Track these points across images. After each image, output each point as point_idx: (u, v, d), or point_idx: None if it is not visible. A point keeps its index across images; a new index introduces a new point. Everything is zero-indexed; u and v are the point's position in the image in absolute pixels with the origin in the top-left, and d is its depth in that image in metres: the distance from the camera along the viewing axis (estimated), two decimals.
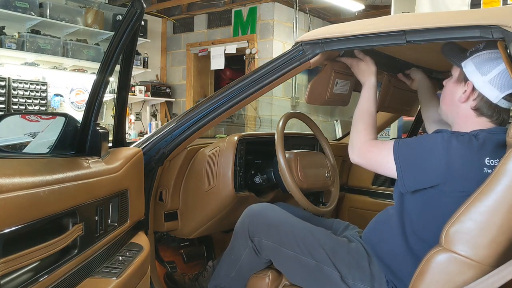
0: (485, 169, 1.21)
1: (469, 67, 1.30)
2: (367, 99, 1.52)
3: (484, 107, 1.30)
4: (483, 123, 1.32)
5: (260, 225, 1.55)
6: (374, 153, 1.36)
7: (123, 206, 1.31)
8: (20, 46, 4.70)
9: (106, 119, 5.50)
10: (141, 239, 1.43)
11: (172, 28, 6.50)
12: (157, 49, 6.45)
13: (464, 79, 1.33)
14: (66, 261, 0.99)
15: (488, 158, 1.22)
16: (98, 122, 1.28)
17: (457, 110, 1.36)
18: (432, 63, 1.81)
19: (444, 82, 1.44)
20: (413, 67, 1.82)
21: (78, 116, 1.24)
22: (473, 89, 1.30)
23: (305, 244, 1.46)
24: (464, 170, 1.21)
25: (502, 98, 1.28)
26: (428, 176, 1.24)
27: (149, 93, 6.02)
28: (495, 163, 1.22)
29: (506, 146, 1.16)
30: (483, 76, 1.28)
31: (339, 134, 6.06)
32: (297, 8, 5.63)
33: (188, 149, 1.78)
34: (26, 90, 4.82)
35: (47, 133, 1.24)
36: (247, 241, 1.56)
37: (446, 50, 1.39)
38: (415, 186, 1.27)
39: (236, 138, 1.83)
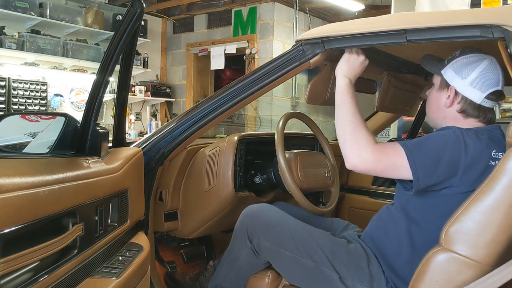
0: (490, 161, 1.25)
1: (449, 73, 1.36)
2: (351, 97, 1.38)
3: (469, 108, 1.35)
4: (471, 124, 1.36)
5: (258, 226, 1.55)
6: (389, 155, 1.27)
7: (123, 206, 1.31)
8: (20, 46, 4.70)
9: (106, 119, 5.50)
10: (141, 239, 1.43)
11: (172, 28, 6.50)
12: (157, 49, 6.45)
13: (446, 85, 1.38)
14: (66, 261, 0.99)
15: (494, 151, 1.27)
16: (98, 122, 1.28)
17: (444, 114, 1.40)
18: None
19: (427, 93, 1.49)
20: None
21: (78, 116, 1.24)
22: (456, 93, 1.36)
23: (304, 246, 1.46)
24: (475, 162, 1.24)
25: (485, 98, 1.33)
26: (444, 170, 1.24)
27: (149, 93, 6.02)
28: (499, 155, 1.26)
29: (506, 145, 1.16)
30: (463, 79, 1.34)
31: None
32: (297, 8, 5.63)
33: (188, 149, 1.78)
34: (26, 90, 4.82)
35: (47, 133, 1.23)
36: (246, 242, 1.56)
37: (424, 62, 1.46)
38: (430, 182, 1.26)
39: (236, 138, 1.83)
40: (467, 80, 1.33)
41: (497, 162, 1.20)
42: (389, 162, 1.27)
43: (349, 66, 1.43)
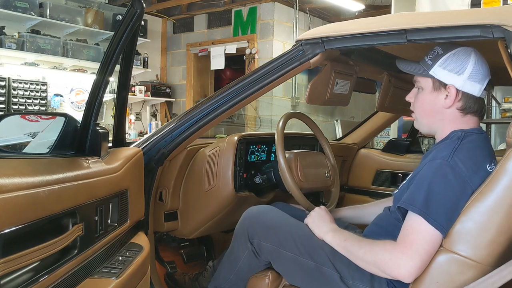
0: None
1: (440, 72, 1.32)
2: (345, 238, 1.39)
3: (471, 103, 1.33)
4: (467, 122, 1.34)
5: (259, 228, 1.55)
6: (418, 243, 1.18)
7: (123, 206, 1.31)
8: (20, 46, 4.70)
9: (106, 119, 5.50)
10: (141, 239, 1.43)
11: (172, 28, 6.50)
12: (157, 49, 6.45)
13: (440, 85, 1.33)
14: (66, 261, 0.99)
15: (488, 164, 1.26)
16: (98, 122, 1.28)
17: (442, 116, 1.36)
18: None
19: (409, 99, 1.43)
20: None
21: (78, 116, 1.24)
22: (456, 90, 1.31)
23: (304, 246, 1.46)
24: (479, 181, 1.20)
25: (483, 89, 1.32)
26: (459, 208, 1.19)
27: (149, 93, 6.02)
28: (493, 167, 1.25)
29: (506, 145, 1.16)
30: (460, 75, 1.30)
31: (339, 134, 6.06)
32: (297, 8, 5.63)
33: (188, 149, 1.77)
34: (26, 90, 4.82)
35: (47, 133, 1.23)
36: (246, 243, 1.56)
37: (403, 66, 1.41)
38: (452, 223, 1.20)
39: (236, 138, 1.83)
40: (464, 76, 1.30)
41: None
42: (422, 248, 1.18)
43: (322, 221, 1.49)
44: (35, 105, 4.90)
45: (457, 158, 1.23)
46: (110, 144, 1.41)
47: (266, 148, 2.06)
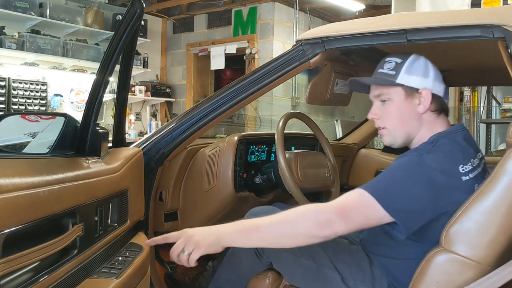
0: (462, 177, 1.21)
1: (408, 79, 1.31)
2: (253, 225, 1.25)
3: (441, 103, 1.34)
4: (442, 122, 1.34)
5: None
6: (360, 216, 1.17)
7: (123, 206, 1.31)
8: (20, 46, 4.70)
9: (106, 119, 5.50)
10: (141, 239, 1.43)
11: (172, 28, 6.50)
12: (157, 49, 6.45)
13: (412, 91, 1.31)
14: (66, 261, 0.99)
15: (461, 165, 1.23)
16: (98, 122, 1.28)
17: (419, 123, 1.33)
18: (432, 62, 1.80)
19: (374, 115, 1.38)
20: None
21: (78, 116, 1.24)
22: (430, 93, 1.31)
23: (306, 246, 1.46)
24: (446, 184, 1.19)
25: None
26: (418, 204, 1.18)
27: (149, 93, 6.02)
28: (468, 168, 1.23)
29: (506, 145, 1.16)
30: (427, 78, 1.31)
31: (339, 134, 6.06)
32: (297, 8, 5.63)
33: (188, 149, 1.77)
34: (26, 90, 4.81)
35: (47, 133, 1.23)
36: None
37: (370, 81, 1.38)
38: (417, 226, 1.19)
39: (236, 138, 1.83)
40: (431, 77, 1.31)
41: (470, 175, 1.20)
42: (363, 216, 1.17)
43: (208, 231, 1.30)
44: (35, 105, 4.90)
45: (427, 157, 1.21)
46: (110, 144, 1.41)
47: (266, 148, 2.06)
